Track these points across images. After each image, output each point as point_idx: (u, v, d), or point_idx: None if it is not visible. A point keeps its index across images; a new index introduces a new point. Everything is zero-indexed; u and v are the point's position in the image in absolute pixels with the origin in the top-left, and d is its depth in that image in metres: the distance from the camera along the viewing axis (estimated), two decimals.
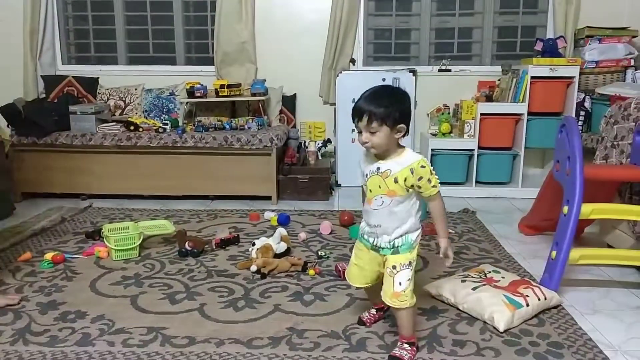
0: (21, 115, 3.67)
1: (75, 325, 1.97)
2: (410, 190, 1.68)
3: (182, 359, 1.75)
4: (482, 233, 3.08)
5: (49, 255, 2.60)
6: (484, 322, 1.98)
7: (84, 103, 4.12)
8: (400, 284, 1.69)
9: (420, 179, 1.66)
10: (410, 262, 1.72)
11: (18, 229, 3.09)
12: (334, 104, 4.29)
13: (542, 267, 2.36)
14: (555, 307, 2.11)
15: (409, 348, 1.75)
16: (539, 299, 2.04)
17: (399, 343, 1.78)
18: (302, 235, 2.96)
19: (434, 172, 1.68)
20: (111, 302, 2.17)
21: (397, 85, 4.11)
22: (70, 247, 2.84)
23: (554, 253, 2.25)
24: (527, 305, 1.99)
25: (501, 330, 1.90)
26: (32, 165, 3.76)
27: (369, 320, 1.98)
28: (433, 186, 1.68)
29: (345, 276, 1.94)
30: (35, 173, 3.76)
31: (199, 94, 3.93)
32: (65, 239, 2.98)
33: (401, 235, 1.72)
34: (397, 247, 1.72)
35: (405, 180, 1.66)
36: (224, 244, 2.83)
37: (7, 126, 3.81)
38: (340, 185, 4.25)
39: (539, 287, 2.11)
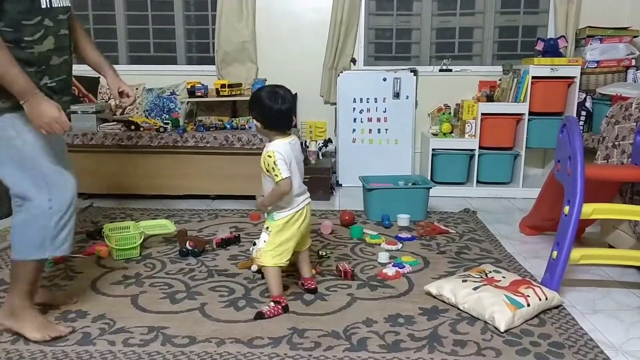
0: None
1: (76, 325, 1.97)
2: (269, 172, 2.04)
3: (183, 359, 1.75)
4: (483, 233, 3.08)
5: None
6: (485, 322, 1.98)
7: (85, 102, 4.12)
8: (256, 243, 2.18)
9: (268, 165, 2.03)
10: (268, 227, 2.12)
11: None
12: (335, 103, 4.29)
13: (543, 267, 2.36)
14: (556, 307, 2.11)
15: (272, 305, 2.04)
16: (540, 299, 2.04)
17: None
18: None
19: (277, 165, 2.01)
20: (112, 301, 2.17)
21: (398, 87, 4.13)
22: None
23: (555, 253, 2.25)
24: (528, 305, 1.99)
25: (502, 330, 1.90)
26: None
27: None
28: (275, 175, 2.01)
29: None
30: None
31: (199, 94, 3.93)
32: None
33: (269, 208, 2.13)
34: (267, 215, 2.15)
35: (264, 162, 2.06)
36: (224, 243, 2.83)
37: None
38: (341, 185, 4.25)
39: (540, 287, 2.11)
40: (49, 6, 1.78)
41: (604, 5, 4.13)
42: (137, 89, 4.26)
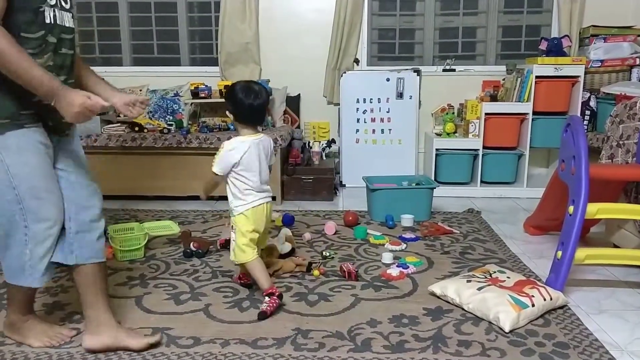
0: None
1: (81, 326, 1.97)
2: None
3: (188, 359, 1.76)
4: (487, 233, 3.07)
5: None
6: (490, 322, 1.97)
7: None
8: (233, 240, 2.18)
9: (216, 155, 2.12)
10: (232, 227, 2.18)
11: None
12: (338, 104, 4.30)
13: (547, 267, 2.35)
14: (561, 307, 2.10)
15: (268, 300, 2.04)
16: (545, 299, 2.03)
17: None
18: (307, 236, 2.96)
19: (216, 158, 2.11)
20: (116, 302, 2.17)
21: (401, 87, 4.12)
22: None
23: (559, 253, 2.24)
24: (533, 305, 1.98)
25: (507, 330, 1.90)
26: None
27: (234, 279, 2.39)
28: (212, 164, 2.11)
29: None
30: None
31: (203, 95, 3.94)
32: None
33: (232, 202, 2.18)
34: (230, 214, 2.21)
35: None
36: (228, 244, 2.82)
37: None
38: (344, 185, 4.24)
39: (544, 287, 2.10)
40: (52, 22, 1.70)
41: (608, 4, 4.12)
42: (141, 90, 4.27)
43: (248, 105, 2.09)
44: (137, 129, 3.77)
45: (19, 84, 1.60)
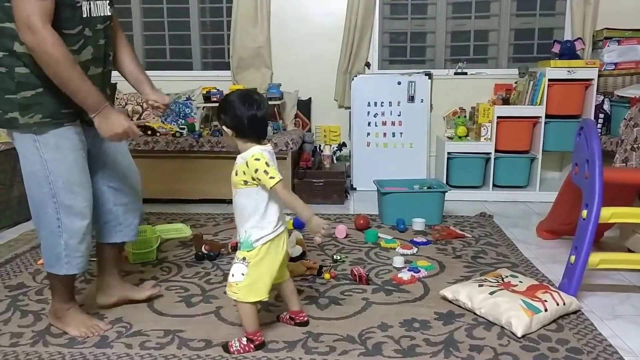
0: None
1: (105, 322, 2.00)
2: (250, 183, 1.77)
3: None
4: (499, 237, 3.05)
5: None
6: (502, 327, 1.96)
7: None
8: (232, 275, 1.80)
9: (256, 171, 1.74)
10: (244, 258, 1.79)
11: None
12: (349, 107, 4.30)
13: (560, 271, 2.33)
14: (574, 313, 2.08)
15: (245, 343, 1.82)
16: (558, 304, 2.01)
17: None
18: (318, 239, 2.95)
19: (270, 164, 1.75)
20: (128, 305, 2.19)
21: (413, 90, 4.12)
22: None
23: (572, 257, 2.22)
24: (546, 310, 1.96)
25: (519, 335, 1.88)
26: None
27: (283, 318, 2.05)
28: (271, 177, 1.73)
29: None
30: None
31: (215, 99, 3.96)
32: None
33: (246, 231, 1.80)
34: (241, 242, 1.82)
35: (244, 173, 1.77)
36: None
37: None
38: (355, 189, 4.24)
39: (557, 292, 2.08)
40: (89, 15, 1.77)
41: (621, 7, 4.08)
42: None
43: (251, 116, 1.77)
44: (149, 132, 3.80)
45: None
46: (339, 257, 2.68)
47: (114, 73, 2.13)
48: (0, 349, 1.85)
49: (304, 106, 4.40)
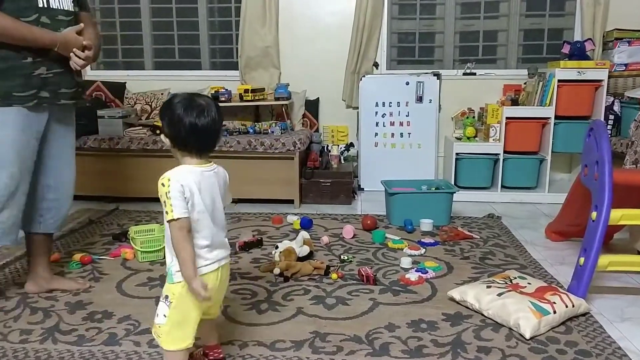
0: None
1: (102, 325, 2.01)
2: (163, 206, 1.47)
3: None
4: (508, 238, 3.03)
5: (77, 257, 2.66)
6: (510, 328, 1.95)
7: (112, 107, 4.20)
8: (157, 315, 1.54)
9: (161, 197, 1.47)
10: (167, 297, 1.51)
11: None
12: (357, 107, 4.29)
13: (569, 273, 2.32)
14: (583, 315, 2.07)
15: None
16: (567, 306, 2.00)
17: None
18: (325, 239, 2.96)
19: (170, 196, 1.44)
20: (137, 302, 2.20)
21: (421, 90, 4.11)
22: (97, 248, 2.90)
23: (581, 259, 2.21)
24: (554, 312, 1.95)
25: (527, 337, 1.87)
26: None
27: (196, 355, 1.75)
28: (166, 212, 1.45)
29: None
30: None
31: (223, 99, 3.97)
32: (93, 240, 3.04)
33: (170, 262, 1.53)
34: (166, 275, 1.56)
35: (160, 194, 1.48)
36: (247, 246, 2.85)
37: None
38: (363, 189, 4.24)
39: (566, 294, 2.07)
40: (45, 5, 2.00)
41: (632, 7, 4.05)
42: (162, 94, 4.32)
43: (190, 125, 1.48)
44: (158, 132, 3.81)
45: (14, 65, 1.96)
46: (346, 257, 2.68)
47: (124, 72, 2.21)
48: (10, 346, 1.86)
49: (312, 106, 4.41)
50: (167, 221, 1.47)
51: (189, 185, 1.49)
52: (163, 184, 1.47)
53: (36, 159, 2.13)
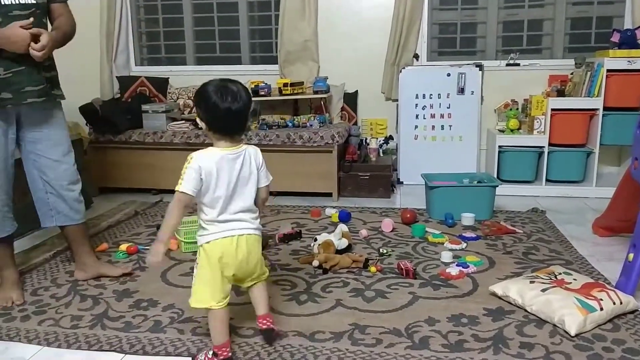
0: (98, 114, 3.89)
1: (148, 313, 2.08)
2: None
3: (247, 349, 1.81)
4: (552, 233, 2.95)
5: (123, 247, 2.75)
6: (554, 325, 1.90)
7: (155, 102, 4.31)
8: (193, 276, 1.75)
9: (183, 168, 1.68)
10: (197, 263, 1.72)
11: (95, 222, 3.28)
12: (397, 100, 4.26)
13: (617, 270, 2.24)
14: (631, 312, 2.00)
15: (210, 357, 1.72)
16: (614, 303, 1.94)
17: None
18: (363, 233, 2.96)
19: (186, 171, 1.65)
20: (180, 292, 2.26)
21: (463, 82, 4.03)
22: (142, 239, 2.99)
23: (630, 255, 2.13)
24: (601, 309, 1.89)
25: (572, 334, 1.82)
26: (108, 161, 3.98)
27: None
28: (179, 182, 1.65)
29: None
30: (111, 169, 3.98)
31: (263, 93, 4.01)
32: (138, 231, 3.14)
33: (198, 230, 1.75)
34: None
35: None
36: (286, 238, 2.88)
37: (86, 124, 4.05)
38: (402, 182, 4.20)
39: (614, 291, 2.00)
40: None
41: None
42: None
43: (224, 110, 1.64)
44: (200, 126, 3.89)
45: None
46: (385, 251, 2.67)
47: (167, 68, 2.20)
48: (62, 331, 1.95)
49: (351, 99, 4.40)
50: (175, 190, 1.64)
51: (208, 168, 1.66)
52: (187, 160, 1.67)
53: (32, 156, 2.21)
